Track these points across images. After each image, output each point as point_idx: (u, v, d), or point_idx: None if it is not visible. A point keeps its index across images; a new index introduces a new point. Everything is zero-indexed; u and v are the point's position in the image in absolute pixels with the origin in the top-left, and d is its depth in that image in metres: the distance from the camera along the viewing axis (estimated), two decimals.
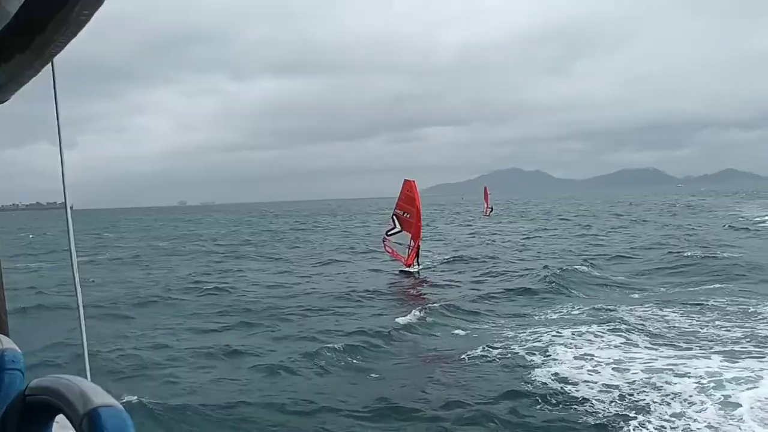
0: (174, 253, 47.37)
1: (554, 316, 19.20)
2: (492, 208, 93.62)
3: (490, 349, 15.05)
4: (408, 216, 31.88)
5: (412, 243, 31.08)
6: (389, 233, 33.03)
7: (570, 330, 16.62)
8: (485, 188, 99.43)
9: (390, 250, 32.82)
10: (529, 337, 16.20)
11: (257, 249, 48.71)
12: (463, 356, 14.76)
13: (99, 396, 1.49)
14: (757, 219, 57.02)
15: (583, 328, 16.72)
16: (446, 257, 36.33)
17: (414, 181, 32.30)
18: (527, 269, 29.74)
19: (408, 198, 32.09)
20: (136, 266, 37.76)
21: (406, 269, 30.86)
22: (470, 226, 68.83)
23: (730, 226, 50.39)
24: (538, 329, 17.15)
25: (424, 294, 25.10)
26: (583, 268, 29.08)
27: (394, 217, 32.74)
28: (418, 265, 31.27)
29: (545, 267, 28.97)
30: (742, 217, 61.80)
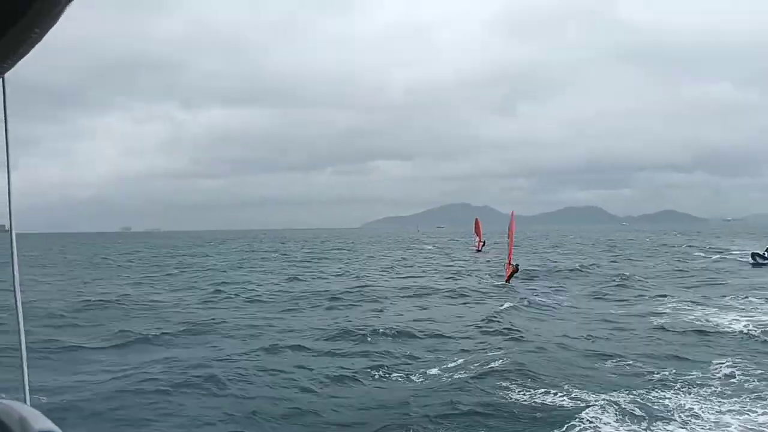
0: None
1: None
2: (485, 242, 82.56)
3: None
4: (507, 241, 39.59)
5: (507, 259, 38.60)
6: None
7: None
8: (477, 220, 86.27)
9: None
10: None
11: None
12: None
13: (39, 421, 1.49)
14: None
15: None
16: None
17: (512, 212, 41.00)
18: None
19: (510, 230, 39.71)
20: None
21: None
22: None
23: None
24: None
25: None
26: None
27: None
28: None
29: None
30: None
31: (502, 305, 26.36)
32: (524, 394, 13.06)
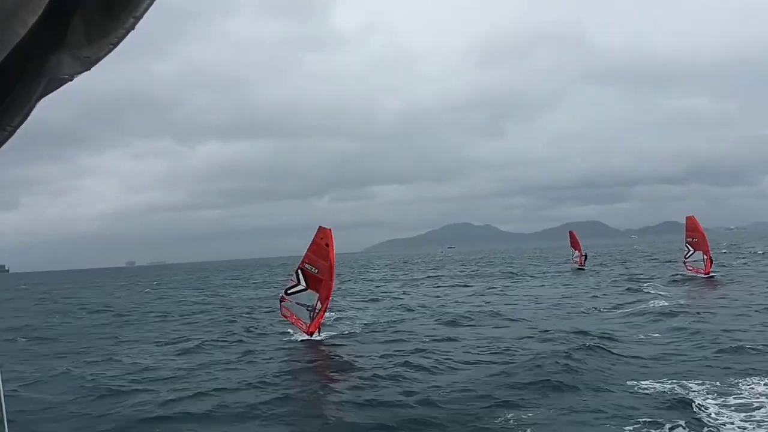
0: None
1: None
2: (586, 256, 72.21)
3: None
4: (696, 240, 46.33)
5: (705, 257, 45.35)
6: (687, 257, 47.61)
7: None
8: (571, 233, 76.12)
9: (691, 269, 47.22)
10: None
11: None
12: None
13: None
14: None
15: None
16: None
17: (693, 217, 47.24)
18: None
19: (693, 230, 46.74)
20: None
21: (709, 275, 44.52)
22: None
23: None
24: None
25: None
26: None
27: (687, 245, 46.97)
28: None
29: None
30: None
31: None
32: None
